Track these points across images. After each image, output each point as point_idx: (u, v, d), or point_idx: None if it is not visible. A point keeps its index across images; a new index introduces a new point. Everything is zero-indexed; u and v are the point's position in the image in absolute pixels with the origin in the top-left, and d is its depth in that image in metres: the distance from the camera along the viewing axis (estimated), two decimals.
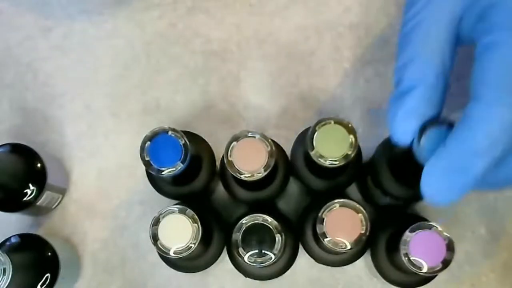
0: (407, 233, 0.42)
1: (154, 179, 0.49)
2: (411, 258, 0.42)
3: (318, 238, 0.42)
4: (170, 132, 0.43)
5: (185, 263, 0.49)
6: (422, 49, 0.31)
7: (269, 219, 0.42)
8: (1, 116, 0.57)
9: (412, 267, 0.41)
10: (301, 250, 0.49)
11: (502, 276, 0.53)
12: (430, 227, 0.42)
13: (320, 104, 0.56)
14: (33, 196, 0.49)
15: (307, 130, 0.43)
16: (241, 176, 0.41)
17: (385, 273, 0.47)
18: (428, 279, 0.46)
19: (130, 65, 0.57)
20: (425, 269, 0.41)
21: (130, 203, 0.55)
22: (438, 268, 0.41)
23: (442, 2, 0.31)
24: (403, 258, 0.42)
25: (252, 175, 0.41)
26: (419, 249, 0.42)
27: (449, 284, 0.53)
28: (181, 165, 0.43)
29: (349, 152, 0.41)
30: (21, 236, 0.49)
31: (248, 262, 0.42)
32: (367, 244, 0.49)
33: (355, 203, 0.42)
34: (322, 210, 0.42)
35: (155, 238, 0.43)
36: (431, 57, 0.31)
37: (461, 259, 0.53)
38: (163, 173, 0.42)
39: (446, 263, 0.41)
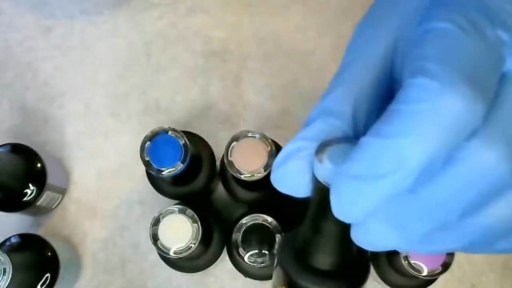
0: None
1: (154, 179, 0.49)
2: (411, 262, 0.41)
3: None
4: (170, 132, 0.43)
5: (185, 263, 0.49)
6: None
7: (269, 219, 0.42)
8: (1, 116, 0.57)
9: (412, 270, 0.41)
10: None
11: (502, 276, 0.53)
12: None
13: None
14: (33, 196, 0.49)
15: None
16: (241, 176, 0.41)
17: (385, 276, 0.47)
18: (428, 282, 0.46)
19: (130, 65, 0.57)
20: (425, 272, 0.41)
21: (130, 203, 0.55)
22: (438, 271, 0.41)
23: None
24: (403, 261, 0.41)
25: (252, 175, 0.41)
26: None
27: (449, 284, 0.53)
28: (181, 165, 0.42)
29: None
30: (21, 236, 0.49)
31: (248, 262, 0.42)
32: None
33: None
34: None
35: (155, 238, 0.43)
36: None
37: (461, 259, 0.53)
38: (163, 173, 0.42)
39: (446, 266, 0.41)
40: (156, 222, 0.43)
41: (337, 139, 0.22)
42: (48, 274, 0.48)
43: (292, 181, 0.22)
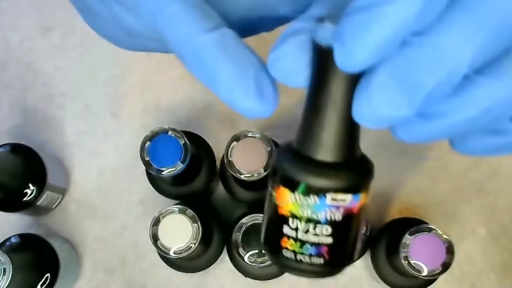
0: (406, 236, 0.42)
1: (154, 179, 0.49)
2: (411, 262, 0.41)
3: None
4: (170, 132, 0.43)
5: (185, 263, 0.49)
6: None
7: None
8: (1, 116, 0.57)
9: (412, 270, 0.41)
10: None
11: (502, 276, 0.53)
12: (429, 230, 0.42)
13: None
14: (33, 196, 0.49)
15: None
16: (241, 176, 0.41)
17: (385, 276, 0.47)
18: (428, 282, 0.46)
19: (130, 65, 0.57)
20: (425, 272, 0.41)
21: (130, 203, 0.55)
22: (438, 271, 0.41)
23: None
24: (403, 261, 0.41)
25: (252, 175, 0.41)
26: (419, 252, 0.41)
27: (449, 284, 0.53)
28: (181, 165, 0.42)
29: None
30: (21, 236, 0.49)
31: (248, 262, 0.42)
32: (367, 244, 0.49)
33: None
34: None
35: (155, 238, 0.43)
36: None
37: (461, 259, 0.53)
38: (163, 173, 0.42)
39: (446, 266, 0.41)
40: (156, 222, 0.43)
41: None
42: (48, 274, 0.48)
43: (289, 62, 0.21)
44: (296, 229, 0.21)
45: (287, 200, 0.21)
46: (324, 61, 0.20)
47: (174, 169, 0.42)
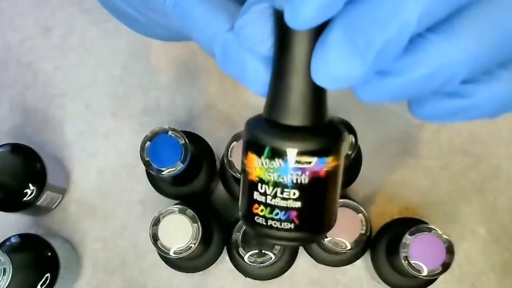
0: (406, 236, 0.42)
1: (154, 179, 0.49)
2: (411, 261, 0.41)
3: None
4: (170, 132, 0.43)
5: (185, 263, 0.49)
6: None
7: None
8: (1, 116, 0.57)
9: (412, 270, 0.41)
10: (301, 250, 0.49)
11: (502, 276, 0.53)
12: (429, 230, 0.42)
13: None
14: (33, 196, 0.49)
15: None
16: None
17: (385, 276, 0.47)
18: (428, 282, 0.46)
19: (130, 65, 0.57)
20: (425, 272, 0.41)
21: (130, 203, 0.55)
22: (438, 271, 0.41)
23: None
24: (402, 261, 0.41)
25: None
26: (419, 252, 0.41)
27: (449, 284, 0.53)
28: (181, 165, 0.43)
29: (349, 152, 0.41)
30: (21, 236, 0.49)
31: (248, 262, 0.42)
32: (367, 244, 0.49)
33: (355, 203, 0.42)
34: None
35: (155, 238, 0.43)
36: None
37: (461, 259, 0.53)
38: (163, 173, 0.42)
39: (446, 266, 0.41)
40: (156, 222, 0.43)
41: None
42: (48, 274, 0.48)
43: (253, 30, 0.21)
44: (265, 194, 0.21)
45: (255, 165, 0.21)
46: (282, 25, 0.20)
47: (174, 169, 0.42)
